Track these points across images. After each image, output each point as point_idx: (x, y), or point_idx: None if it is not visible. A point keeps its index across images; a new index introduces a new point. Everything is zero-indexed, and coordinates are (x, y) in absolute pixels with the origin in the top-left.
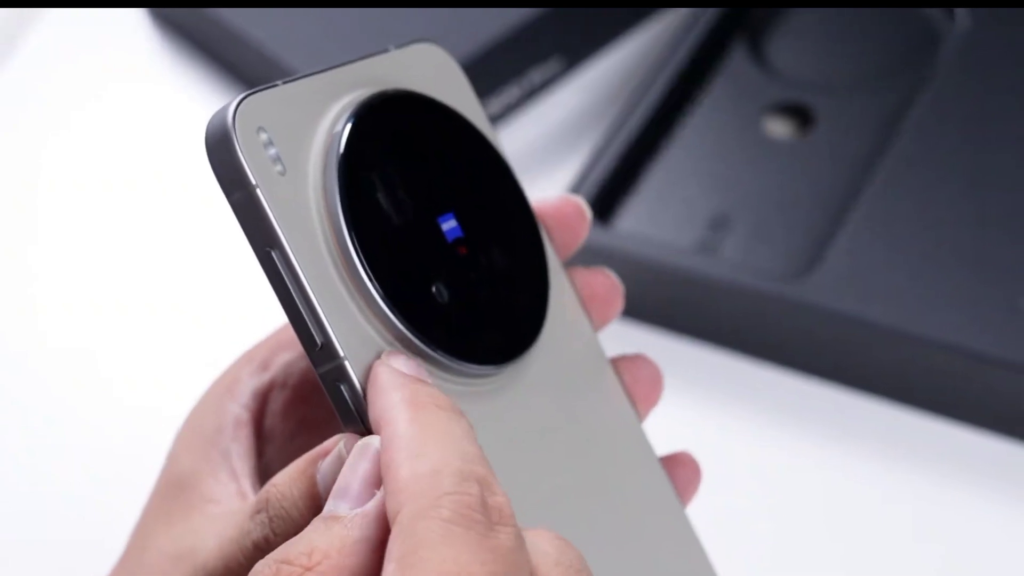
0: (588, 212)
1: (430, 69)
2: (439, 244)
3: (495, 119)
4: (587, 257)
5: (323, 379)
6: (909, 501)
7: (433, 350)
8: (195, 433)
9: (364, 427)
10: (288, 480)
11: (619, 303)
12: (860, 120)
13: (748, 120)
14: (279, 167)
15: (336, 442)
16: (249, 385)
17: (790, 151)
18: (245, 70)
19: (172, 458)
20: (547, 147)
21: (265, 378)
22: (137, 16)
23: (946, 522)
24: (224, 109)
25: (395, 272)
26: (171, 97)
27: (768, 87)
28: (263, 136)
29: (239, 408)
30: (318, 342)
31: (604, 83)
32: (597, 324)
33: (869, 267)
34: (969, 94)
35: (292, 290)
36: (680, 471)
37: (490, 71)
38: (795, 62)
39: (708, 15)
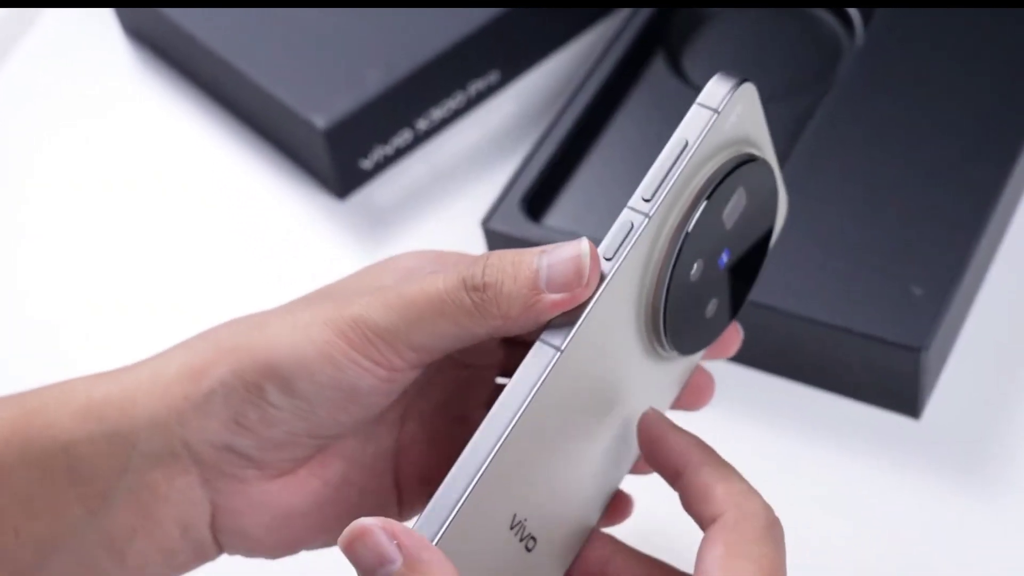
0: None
1: (745, 111)
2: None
3: (440, 125)
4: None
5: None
6: (806, 468)
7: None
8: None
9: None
10: (511, 251)
11: (709, 396)
12: (768, 126)
13: (666, 127)
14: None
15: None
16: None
17: None
18: (207, 78)
19: (385, 266)
20: (486, 150)
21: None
22: (114, 34)
23: (834, 485)
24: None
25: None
26: (146, 106)
27: (684, 97)
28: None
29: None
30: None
31: (537, 93)
32: (683, 406)
33: (777, 258)
34: (864, 102)
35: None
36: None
37: (435, 83)
38: (709, 74)
39: (630, 32)
